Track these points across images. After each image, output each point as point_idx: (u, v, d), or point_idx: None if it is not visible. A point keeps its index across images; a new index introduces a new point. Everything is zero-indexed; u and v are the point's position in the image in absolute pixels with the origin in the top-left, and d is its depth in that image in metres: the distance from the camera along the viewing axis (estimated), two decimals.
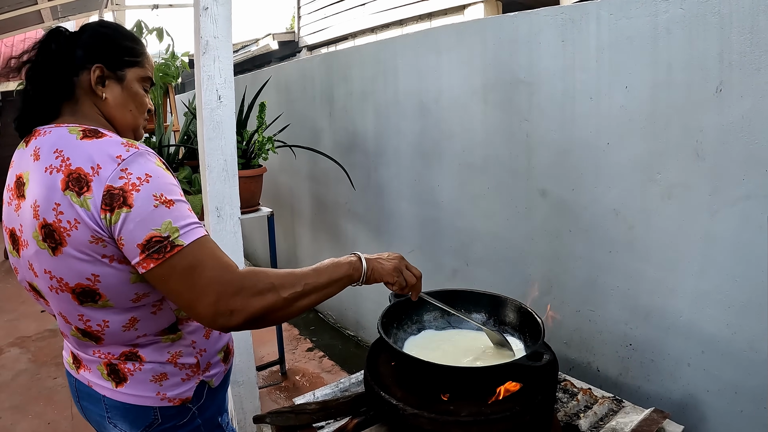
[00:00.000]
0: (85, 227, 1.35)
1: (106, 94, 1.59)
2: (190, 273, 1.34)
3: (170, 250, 1.33)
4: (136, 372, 1.57)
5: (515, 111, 2.95)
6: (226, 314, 1.34)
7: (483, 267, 3.36)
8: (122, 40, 1.62)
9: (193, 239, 1.36)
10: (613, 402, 2.33)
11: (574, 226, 2.75)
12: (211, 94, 2.81)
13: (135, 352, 1.57)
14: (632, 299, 2.57)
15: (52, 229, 1.38)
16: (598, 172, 2.60)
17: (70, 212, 1.35)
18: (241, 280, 1.37)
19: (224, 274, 1.35)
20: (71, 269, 1.41)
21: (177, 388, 1.62)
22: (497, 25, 3.01)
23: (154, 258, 1.33)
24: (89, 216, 1.34)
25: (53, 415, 4.33)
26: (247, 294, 1.36)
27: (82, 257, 1.39)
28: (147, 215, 1.32)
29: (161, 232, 1.32)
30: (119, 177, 1.34)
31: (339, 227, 4.97)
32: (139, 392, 1.58)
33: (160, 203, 1.34)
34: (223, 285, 1.34)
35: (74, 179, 1.36)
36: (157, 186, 1.36)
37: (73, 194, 1.35)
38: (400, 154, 3.91)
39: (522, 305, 2.16)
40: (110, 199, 1.32)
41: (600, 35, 2.51)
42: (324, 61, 4.92)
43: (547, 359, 1.74)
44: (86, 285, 1.43)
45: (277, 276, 1.44)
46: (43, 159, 1.43)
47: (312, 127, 5.08)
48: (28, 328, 6.23)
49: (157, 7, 8.10)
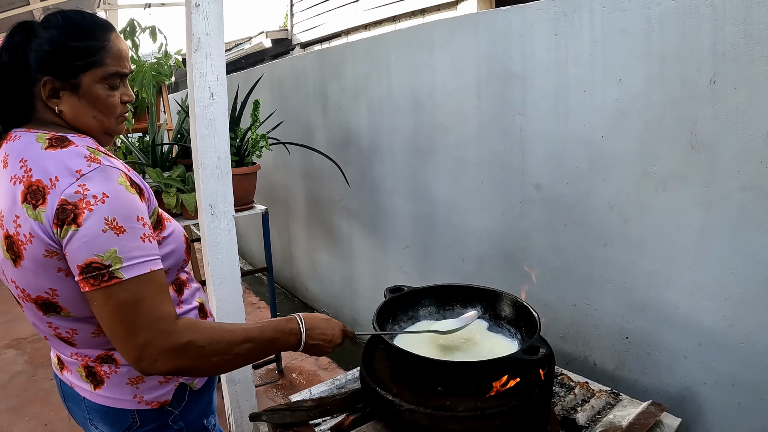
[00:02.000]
0: (39, 241, 1.32)
1: (60, 107, 1.47)
2: (124, 309, 1.30)
3: (107, 279, 1.28)
4: (112, 374, 1.56)
5: (509, 105, 2.94)
6: (150, 361, 1.32)
7: (478, 262, 3.36)
8: (71, 41, 1.43)
9: (135, 274, 1.31)
10: (610, 395, 2.33)
11: (569, 220, 2.75)
12: (203, 92, 2.80)
13: (110, 354, 1.55)
14: (628, 292, 2.57)
15: (12, 241, 1.36)
16: (592, 166, 2.60)
17: (26, 225, 1.32)
18: (173, 334, 1.33)
19: (160, 323, 1.32)
20: (30, 282, 1.40)
21: (154, 391, 1.59)
22: (490, 20, 3.00)
23: (89, 282, 1.29)
24: (42, 229, 1.31)
25: (50, 417, 4.32)
26: (174, 350, 1.33)
27: (38, 271, 1.37)
28: (92, 239, 1.28)
29: (103, 260, 1.28)
30: (75, 191, 1.29)
31: (334, 224, 4.96)
32: (115, 395, 1.56)
33: (109, 228, 1.29)
34: (154, 333, 1.31)
35: (32, 192, 1.32)
36: (112, 209, 1.30)
37: (29, 207, 1.32)
38: (395, 150, 3.91)
39: (517, 299, 2.16)
40: (63, 214, 1.28)
41: (593, 28, 2.51)
42: (317, 58, 4.91)
43: (543, 353, 1.74)
44: (46, 298, 1.41)
45: (210, 339, 1.40)
46: (10, 167, 1.40)
47: (306, 124, 5.07)
48: (23, 330, 6.20)
49: (149, 6, 8.08)
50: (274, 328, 1.57)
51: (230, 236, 3.00)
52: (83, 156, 1.36)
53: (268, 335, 1.54)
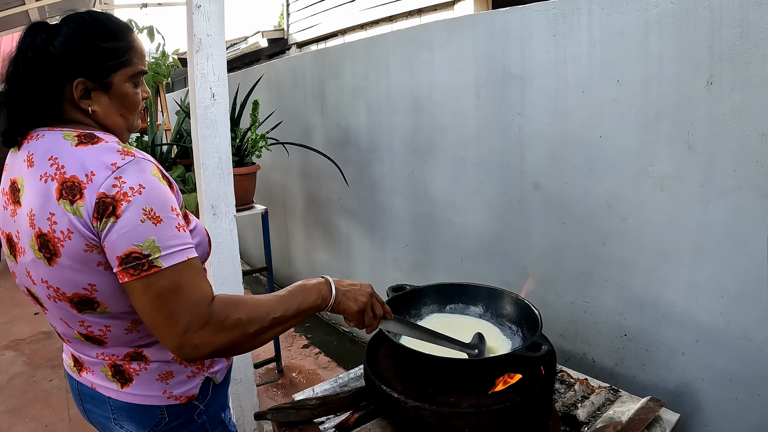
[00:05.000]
0: (78, 236, 1.32)
1: (93, 107, 1.49)
2: (164, 297, 1.31)
3: (147, 269, 1.30)
4: (141, 372, 1.56)
5: (508, 105, 2.97)
6: (191, 346, 1.33)
7: (477, 261, 3.39)
8: (101, 43, 1.47)
9: (173, 263, 1.32)
10: (610, 392, 2.36)
11: (567, 219, 2.78)
12: (204, 92, 2.82)
13: (140, 351, 1.55)
14: (626, 290, 2.60)
15: (47, 239, 1.36)
16: (591, 165, 2.63)
17: (64, 221, 1.33)
18: (212, 315, 1.33)
19: (197, 307, 1.33)
20: (67, 279, 1.40)
21: (183, 386, 1.60)
22: (489, 21, 3.03)
23: (129, 273, 1.30)
24: (82, 223, 1.31)
25: (50, 418, 4.31)
26: (215, 329, 1.34)
27: (77, 267, 1.37)
28: (131, 229, 1.29)
29: (142, 249, 1.29)
30: (112, 185, 1.30)
31: (332, 224, 4.97)
32: (145, 392, 1.56)
33: (147, 218, 1.30)
34: (193, 317, 1.32)
35: (68, 187, 1.32)
36: (149, 199, 1.32)
37: (66, 203, 1.32)
38: (393, 149, 3.93)
39: (519, 297, 2.18)
40: (102, 207, 1.29)
41: (591, 30, 2.54)
42: (315, 57, 4.92)
43: (545, 350, 1.76)
44: (83, 294, 1.41)
45: (246, 311, 1.40)
46: (38, 166, 1.40)
47: (304, 124, 5.08)
48: (22, 331, 6.19)
49: (146, 6, 8.07)
50: (301, 288, 1.56)
51: (232, 236, 3.01)
52: (116, 150, 1.38)
53: (296, 293, 1.53)
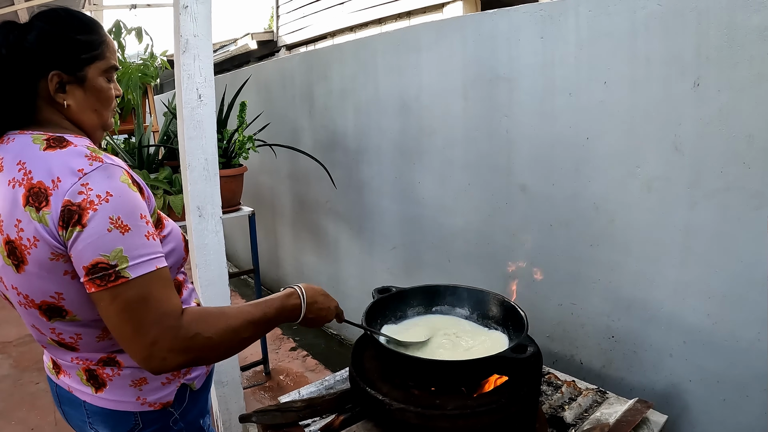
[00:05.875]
0: (44, 244, 1.30)
1: (67, 102, 1.48)
2: (131, 308, 1.29)
3: (114, 279, 1.27)
4: (114, 377, 1.54)
5: (495, 107, 2.97)
6: (159, 359, 1.30)
7: (465, 262, 3.39)
8: (76, 35, 1.46)
9: (141, 273, 1.29)
10: (597, 393, 2.36)
11: (555, 221, 2.78)
12: (191, 93, 2.80)
13: (113, 357, 1.54)
14: (614, 292, 2.60)
15: (14, 246, 1.34)
16: (578, 167, 2.64)
17: (30, 229, 1.30)
18: (180, 329, 1.31)
19: (166, 319, 1.30)
20: (35, 287, 1.38)
21: (157, 393, 1.59)
22: (477, 23, 3.03)
23: (96, 283, 1.27)
24: (48, 232, 1.29)
25: (37, 421, 4.30)
26: (183, 344, 1.31)
27: (44, 275, 1.35)
28: (97, 238, 1.26)
29: (109, 260, 1.26)
30: (78, 192, 1.27)
31: (320, 226, 4.97)
32: (118, 397, 1.55)
33: (114, 227, 1.27)
34: (162, 330, 1.29)
35: (34, 194, 1.30)
36: (116, 207, 1.29)
37: (32, 210, 1.29)
38: (382, 151, 3.93)
39: (505, 299, 2.18)
40: (68, 215, 1.26)
41: (579, 31, 2.54)
42: (304, 59, 4.92)
43: (531, 351, 1.75)
44: (51, 302, 1.39)
45: (216, 329, 1.38)
46: (7, 171, 1.37)
47: (292, 126, 5.08)
48: (8, 333, 6.16)
49: (135, 7, 8.05)
50: (277, 307, 1.57)
51: (218, 238, 3.00)
52: (84, 155, 1.34)
53: (271, 314, 1.55)
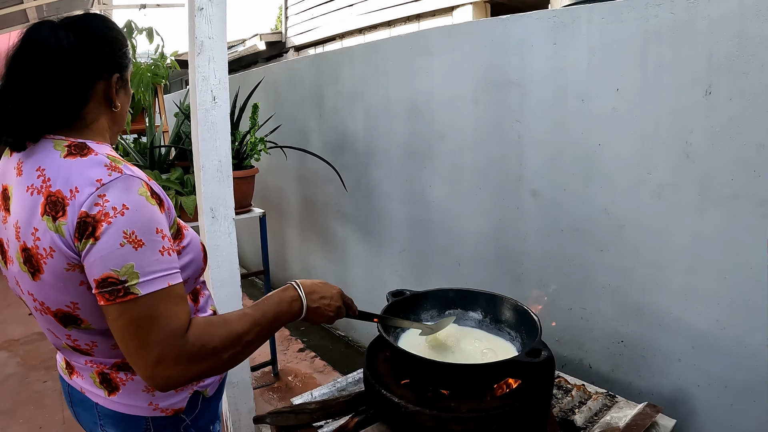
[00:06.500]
0: (60, 255, 1.29)
1: (120, 103, 1.51)
2: (137, 325, 1.26)
3: (123, 295, 1.24)
4: (128, 381, 1.54)
5: (507, 112, 3.00)
6: (164, 377, 1.29)
7: (474, 266, 3.41)
8: (123, 39, 1.52)
9: (151, 290, 1.27)
10: (607, 397, 2.38)
11: (565, 226, 2.81)
12: (205, 95, 2.82)
13: (127, 362, 1.48)
14: (623, 297, 2.63)
15: (30, 254, 1.33)
16: (589, 173, 2.66)
17: (46, 239, 1.29)
18: (185, 346, 1.29)
19: (171, 338, 1.28)
20: (50, 295, 1.37)
21: (170, 399, 1.58)
22: (489, 28, 3.06)
23: (105, 297, 1.25)
24: (64, 242, 1.27)
25: (44, 420, 4.30)
26: (188, 360, 1.30)
27: (59, 285, 1.33)
28: (109, 252, 1.24)
29: (119, 275, 1.24)
30: (95, 204, 1.25)
31: (328, 228, 4.99)
32: (131, 402, 1.54)
33: (128, 242, 1.25)
34: (166, 349, 1.27)
35: (52, 203, 1.28)
36: (131, 221, 1.26)
37: (49, 219, 1.28)
38: (391, 155, 3.95)
39: (518, 303, 2.19)
40: (83, 227, 1.25)
41: (591, 38, 2.57)
42: (314, 62, 4.94)
43: (545, 356, 1.77)
44: (66, 311, 1.38)
45: (220, 337, 1.36)
46: (26, 176, 1.36)
47: (301, 128, 5.10)
48: (15, 332, 6.17)
49: (144, 7, 8.10)
50: (275, 302, 1.56)
51: (230, 239, 3.02)
52: (104, 164, 1.32)
53: (271, 312, 1.53)
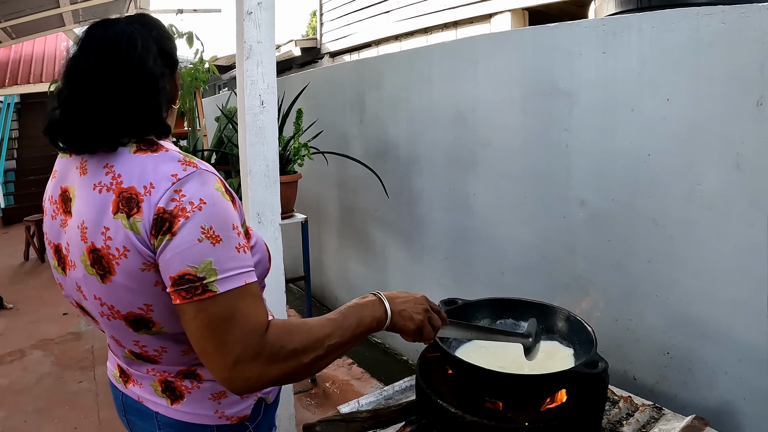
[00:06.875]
0: (135, 254, 1.25)
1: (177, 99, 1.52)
2: (216, 324, 1.23)
3: (201, 293, 1.22)
4: (194, 390, 1.51)
5: (555, 121, 3.04)
6: (243, 380, 1.25)
7: (518, 275, 3.45)
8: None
9: (229, 288, 1.24)
10: (654, 409, 2.39)
11: (613, 236, 2.84)
12: (254, 99, 2.89)
13: (193, 370, 1.50)
14: (670, 308, 2.65)
15: (100, 255, 1.29)
16: (638, 183, 2.69)
17: (120, 238, 1.25)
18: (265, 346, 1.25)
19: (250, 337, 1.24)
20: (121, 298, 1.33)
21: (235, 406, 1.55)
22: (538, 36, 3.11)
23: (181, 295, 1.22)
24: (140, 240, 1.24)
25: (79, 420, 4.36)
26: (268, 361, 1.25)
27: (133, 286, 1.30)
28: (187, 248, 1.21)
29: (197, 271, 1.21)
30: (171, 199, 1.23)
31: (367, 234, 5.05)
32: (196, 410, 1.51)
33: (206, 237, 1.22)
34: (245, 348, 1.23)
35: (125, 199, 1.25)
36: (209, 216, 1.24)
37: (123, 217, 1.24)
38: (435, 162, 4.00)
39: (571, 314, 2.21)
40: (159, 223, 1.22)
41: (642, 48, 2.61)
42: (355, 68, 5.01)
43: (602, 367, 1.80)
44: (139, 314, 1.35)
45: (301, 339, 1.31)
46: (92, 174, 1.33)
47: (341, 134, 5.18)
48: (50, 331, 6.29)
49: (181, 12, 8.22)
50: (357, 307, 1.47)
51: (276, 245, 3.07)
52: (177, 160, 1.30)
53: (353, 316, 1.44)
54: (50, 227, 1.46)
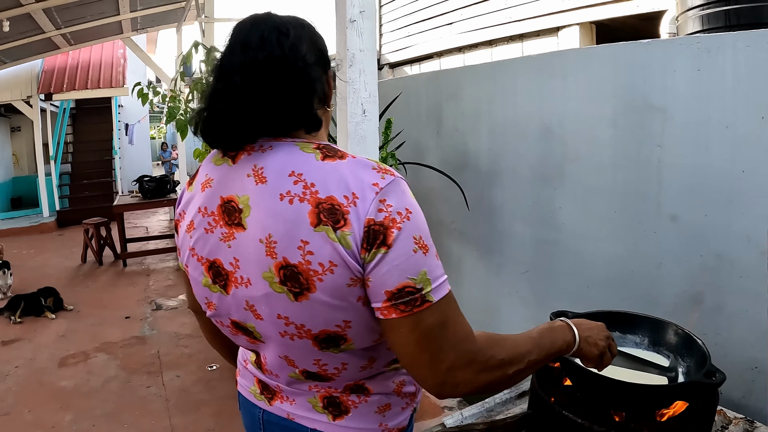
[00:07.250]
0: (344, 269, 1.22)
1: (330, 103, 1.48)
2: (432, 334, 1.23)
3: (420, 304, 1.21)
4: (361, 404, 1.49)
5: (647, 136, 3.13)
6: (453, 385, 1.26)
7: (605, 289, 3.51)
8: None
9: (441, 295, 1.24)
10: (746, 422, 2.46)
11: (704, 252, 2.91)
12: (356, 108, 2.98)
13: (362, 384, 1.49)
14: (760, 323, 2.70)
15: (297, 272, 1.24)
16: (731, 199, 2.77)
17: (325, 252, 1.21)
18: (476, 353, 1.27)
19: (463, 344, 1.26)
20: (317, 316, 1.29)
21: (397, 418, 1.55)
22: (630, 52, 3.21)
23: (399, 309, 1.21)
24: (351, 254, 1.21)
25: (150, 426, 4.46)
26: (479, 369, 1.27)
27: (336, 303, 1.26)
28: (405, 260, 1.20)
29: (416, 283, 1.20)
30: (378, 210, 1.20)
31: (443, 246, 5.09)
32: (361, 424, 1.50)
33: (419, 248, 1.22)
34: (459, 354, 1.24)
35: (326, 210, 1.21)
36: (417, 226, 1.24)
37: (328, 230, 1.20)
38: (518, 175, 4.10)
39: (679, 328, 2.27)
40: (372, 236, 1.20)
41: (736, 66, 2.70)
42: (431, 79, 5.13)
43: (720, 378, 1.85)
44: (334, 331, 1.31)
45: (507, 351, 1.33)
46: (274, 183, 1.28)
47: (416, 145, 5.27)
48: (113, 334, 6.45)
49: None
50: (548, 329, 1.52)
51: None
52: (372, 167, 1.28)
53: (548, 337, 1.48)
54: (203, 241, 1.41)
